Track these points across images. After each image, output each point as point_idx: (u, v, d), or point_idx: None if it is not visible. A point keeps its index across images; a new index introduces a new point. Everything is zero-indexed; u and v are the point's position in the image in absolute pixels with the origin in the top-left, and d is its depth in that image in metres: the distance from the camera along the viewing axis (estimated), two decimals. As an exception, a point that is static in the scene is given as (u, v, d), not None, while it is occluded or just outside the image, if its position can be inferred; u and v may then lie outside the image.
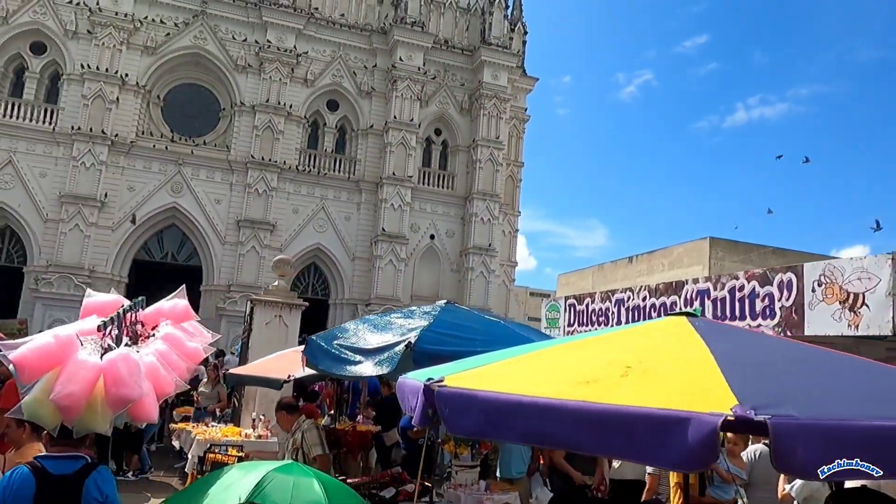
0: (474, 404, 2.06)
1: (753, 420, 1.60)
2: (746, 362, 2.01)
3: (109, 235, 27.76)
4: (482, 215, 31.95)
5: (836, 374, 2.02)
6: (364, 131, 31.93)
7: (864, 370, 2.10)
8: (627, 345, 2.32)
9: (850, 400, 1.81)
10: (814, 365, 2.10)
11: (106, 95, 27.79)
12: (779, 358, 2.14)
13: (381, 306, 29.53)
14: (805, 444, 1.55)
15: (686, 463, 1.68)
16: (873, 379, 2.02)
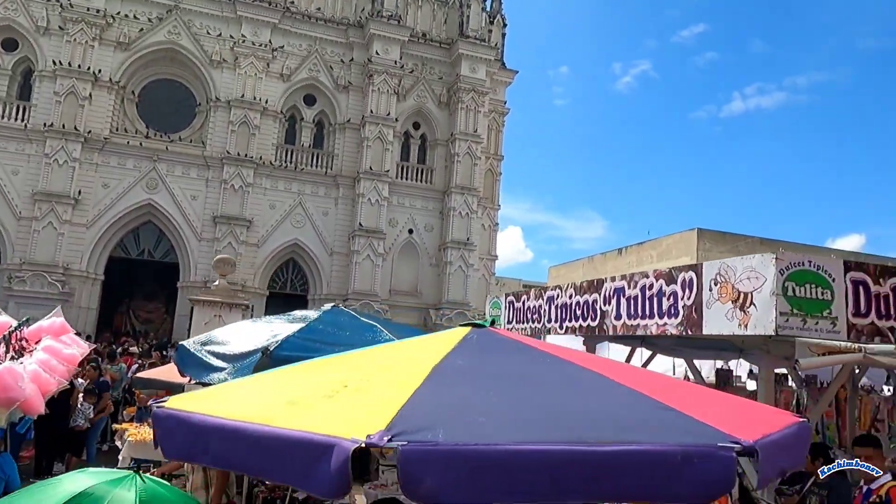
0: (179, 426, 2.04)
1: (382, 446, 1.58)
2: (460, 383, 2.00)
3: (84, 233, 27.64)
4: (460, 209, 31.89)
5: (554, 393, 2.00)
6: (342, 126, 31.80)
7: (601, 392, 2.06)
8: (376, 359, 2.30)
9: (534, 423, 1.79)
10: (540, 385, 2.07)
11: (79, 92, 27.60)
12: (509, 378, 2.11)
13: (359, 301, 29.54)
14: (434, 471, 1.54)
15: (325, 490, 1.66)
16: (600, 402, 2.00)
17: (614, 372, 2.26)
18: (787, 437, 2.05)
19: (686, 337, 7.26)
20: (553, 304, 8.69)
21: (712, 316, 5.72)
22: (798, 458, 2.23)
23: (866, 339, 5.28)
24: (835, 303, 5.23)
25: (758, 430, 1.87)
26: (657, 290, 6.51)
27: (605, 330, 7.52)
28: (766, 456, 1.75)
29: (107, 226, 28.16)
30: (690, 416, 1.89)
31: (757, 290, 5.25)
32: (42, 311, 24.02)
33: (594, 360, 2.49)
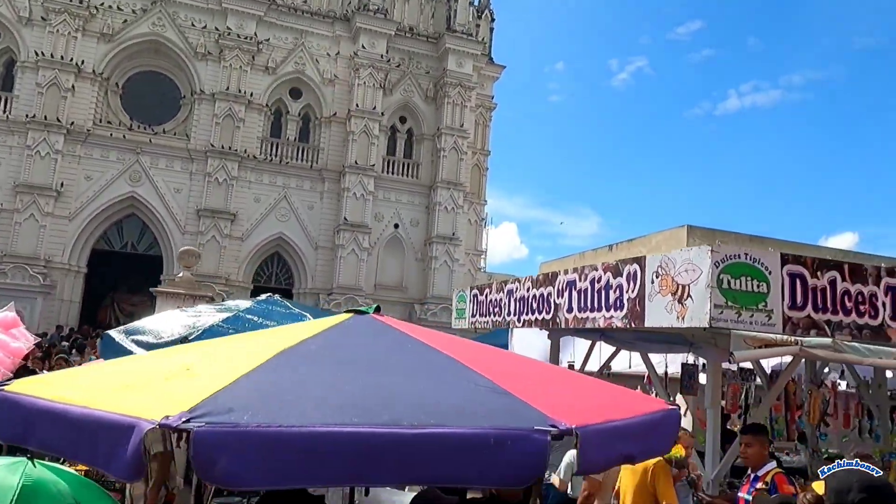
0: (10, 409, 2.01)
1: (175, 427, 1.56)
2: (298, 367, 1.98)
3: (66, 225, 27.50)
4: (446, 204, 31.85)
5: (395, 379, 1.98)
6: (327, 119, 31.69)
7: (448, 377, 2.05)
8: (237, 343, 2.28)
9: (355, 406, 1.76)
10: (385, 370, 2.05)
11: (61, 83, 27.42)
12: (355, 363, 2.08)
13: (344, 296, 29.53)
14: (229, 453, 1.52)
15: (122, 472, 1.64)
16: (439, 387, 1.98)
17: (476, 358, 2.25)
18: (640, 425, 2.05)
19: (641, 331, 7.27)
20: (512, 297, 8.69)
21: (653, 309, 5.72)
22: (660, 444, 2.22)
23: (802, 332, 5.28)
24: (771, 296, 5.23)
25: (598, 416, 1.86)
26: (605, 284, 6.51)
27: (559, 323, 7.52)
28: (589, 440, 1.74)
29: (89, 218, 28.02)
30: (525, 400, 1.88)
31: (694, 283, 5.25)
32: (23, 304, 23.95)
33: (463, 347, 2.48)
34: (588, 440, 1.76)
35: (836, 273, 5.46)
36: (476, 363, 2.14)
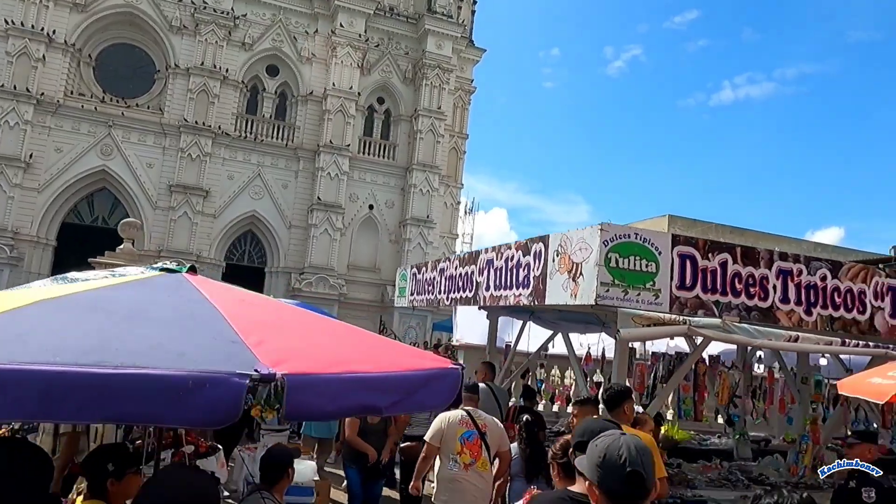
0: None
1: None
2: (55, 314, 2.06)
3: (35, 197, 27.26)
4: (422, 186, 31.83)
5: (140, 326, 2.05)
6: (304, 98, 31.49)
7: (194, 325, 2.12)
8: (36, 294, 2.35)
9: (73, 349, 1.83)
10: (135, 318, 2.12)
11: (31, 53, 27.03)
12: (110, 312, 2.15)
13: (315, 275, 29.57)
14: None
15: None
16: (175, 334, 2.05)
17: (246, 314, 2.32)
18: (393, 379, 2.14)
19: (565, 310, 7.38)
20: (443, 275, 8.77)
21: (553, 286, 5.82)
22: (429, 399, 2.32)
23: (689, 312, 5.40)
24: (659, 275, 5.33)
25: (331, 367, 1.95)
26: (516, 262, 6.59)
27: (479, 301, 7.62)
28: (297, 387, 1.82)
29: (59, 191, 27.77)
30: (251, 349, 1.96)
31: (585, 261, 5.34)
32: (-10, 274, 23.68)
33: (246, 306, 2.54)
34: (296, 387, 1.84)
35: (728, 255, 5.57)
36: (240, 318, 2.22)
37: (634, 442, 2.29)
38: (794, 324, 5.67)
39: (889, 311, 6.00)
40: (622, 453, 2.18)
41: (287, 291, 29.45)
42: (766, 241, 52.64)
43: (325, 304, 29.57)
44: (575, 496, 2.62)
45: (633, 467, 2.14)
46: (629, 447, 2.22)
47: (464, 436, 5.30)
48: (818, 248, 53.12)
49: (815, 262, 5.89)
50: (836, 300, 5.83)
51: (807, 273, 5.78)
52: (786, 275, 5.71)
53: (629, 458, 2.18)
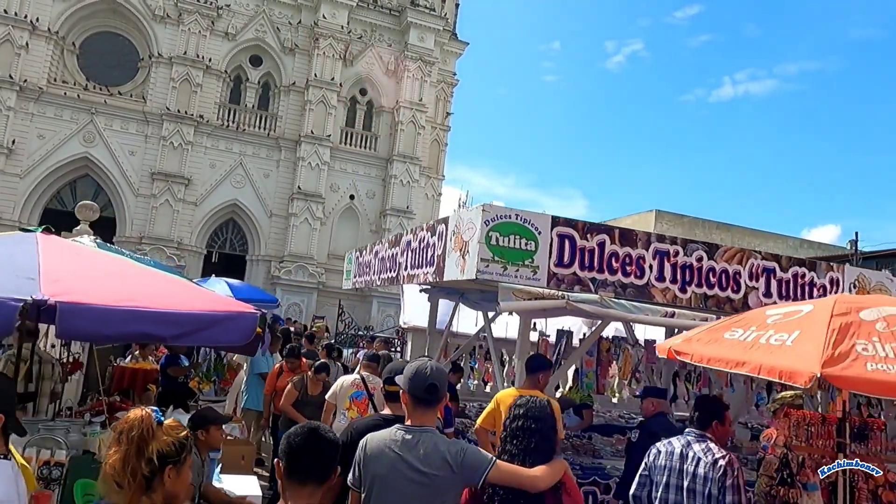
0: None
1: None
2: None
3: (17, 183, 27.61)
4: (402, 177, 32.25)
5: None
6: (286, 88, 31.84)
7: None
8: None
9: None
10: None
11: (14, 40, 27.34)
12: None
13: (295, 263, 30.00)
14: None
15: None
16: None
17: (67, 264, 2.79)
18: (181, 315, 2.60)
19: (486, 290, 7.82)
20: (377, 257, 9.21)
21: (449, 264, 6.26)
22: (220, 335, 2.78)
23: (566, 287, 5.85)
24: (538, 253, 5.77)
25: (117, 301, 2.39)
26: (426, 242, 7.03)
27: (399, 280, 8.06)
28: (71, 312, 2.27)
29: (42, 177, 28.13)
30: (40, 283, 2.41)
31: (471, 240, 5.79)
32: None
33: (76, 260, 3.00)
34: (69, 311, 2.29)
35: (606, 236, 6.01)
36: (55, 267, 2.67)
37: (434, 364, 3.12)
38: (669, 300, 6.12)
39: (763, 291, 6.46)
40: (426, 371, 3.01)
41: (267, 279, 29.91)
42: (754, 238, 52.35)
43: (304, 292, 30.12)
44: (386, 416, 3.44)
45: (431, 380, 2.98)
46: (431, 368, 3.05)
47: (353, 395, 6.01)
48: (805, 245, 52.86)
49: (691, 244, 6.34)
50: (711, 279, 6.28)
51: (683, 254, 6.23)
52: (662, 255, 6.15)
53: (430, 374, 3.01)
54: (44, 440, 5.25)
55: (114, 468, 2.04)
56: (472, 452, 2.89)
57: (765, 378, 3.57)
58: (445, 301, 10.29)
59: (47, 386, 6.34)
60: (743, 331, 3.55)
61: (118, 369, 9.97)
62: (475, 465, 2.84)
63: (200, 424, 4.40)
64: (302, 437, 2.22)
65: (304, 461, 2.18)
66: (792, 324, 3.37)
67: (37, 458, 5.08)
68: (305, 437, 2.22)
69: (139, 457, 2.05)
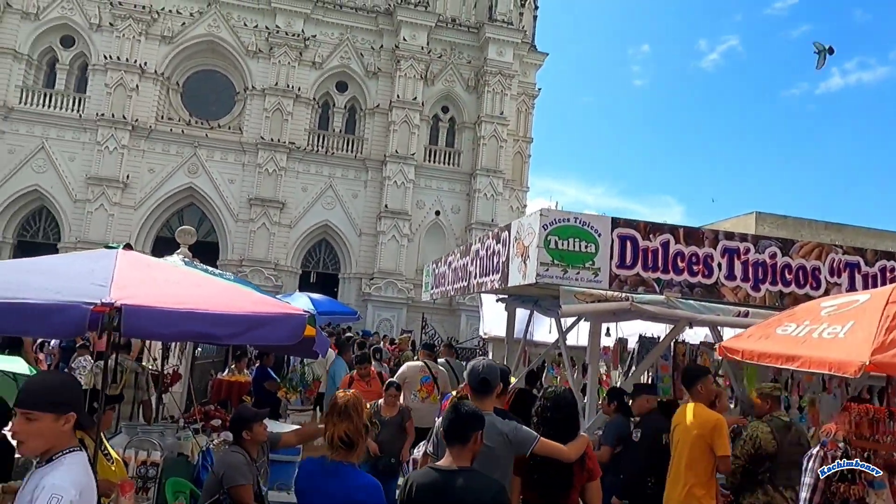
0: None
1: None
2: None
3: (132, 214, 30.02)
4: (486, 191, 32.50)
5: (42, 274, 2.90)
6: (371, 111, 32.94)
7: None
8: None
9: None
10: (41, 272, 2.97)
11: (127, 83, 29.89)
12: (40, 269, 3.00)
13: (384, 279, 30.80)
14: None
15: None
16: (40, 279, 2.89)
17: (138, 275, 3.13)
18: (228, 316, 2.86)
19: (554, 297, 7.85)
20: (451, 268, 9.41)
21: (512, 269, 6.35)
22: (268, 333, 3.03)
23: (629, 289, 5.80)
24: (599, 255, 5.77)
25: (175, 304, 2.69)
26: (492, 250, 7.16)
27: (470, 289, 8.21)
28: (134, 313, 2.57)
29: (153, 207, 30.46)
30: (111, 290, 2.73)
31: (531, 244, 5.86)
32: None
33: (146, 271, 3.34)
34: (132, 313, 2.59)
35: (670, 236, 5.92)
36: (126, 275, 3.02)
37: (487, 362, 4.11)
38: (741, 299, 5.93)
39: (846, 287, 6.11)
40: (479, 368, 3.97)
41: (358, 296, 30.88)
42: (870, 237, 48.93)
43: (393, 308, 30.84)
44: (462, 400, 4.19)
45: (483, 375, 3.91)
46: (483, 365, 4.00)
47: (422, 379, 7.73)
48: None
49: (763, 240, 6.11)
50: (787, 276, 6.03)
51: (755, 251, 6.02)
52: (731, 253, 5.97)
53: (482, 370, 3.93)
54: (142, 442, 5.75)
55: (346, 433, 3.06)
56: (522, 430, 3.79)
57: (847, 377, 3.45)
58: (522, 310, 10.36)
59: (130, 394, 6.91)
60: (796, 325, 3.44)
61: (216, 381, 10.68)
62: (525, 440, 3.74)
63: (243, 425, 4.54)
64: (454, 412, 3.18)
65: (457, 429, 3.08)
66: (846, 315, 3.24)
67: (135, 458, 5.58)
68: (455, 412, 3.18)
69: (361, 421, 3.12)
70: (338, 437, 3.06)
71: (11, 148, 29.21)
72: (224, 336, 2.86)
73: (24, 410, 2.17)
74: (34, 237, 30.26)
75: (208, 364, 12.22)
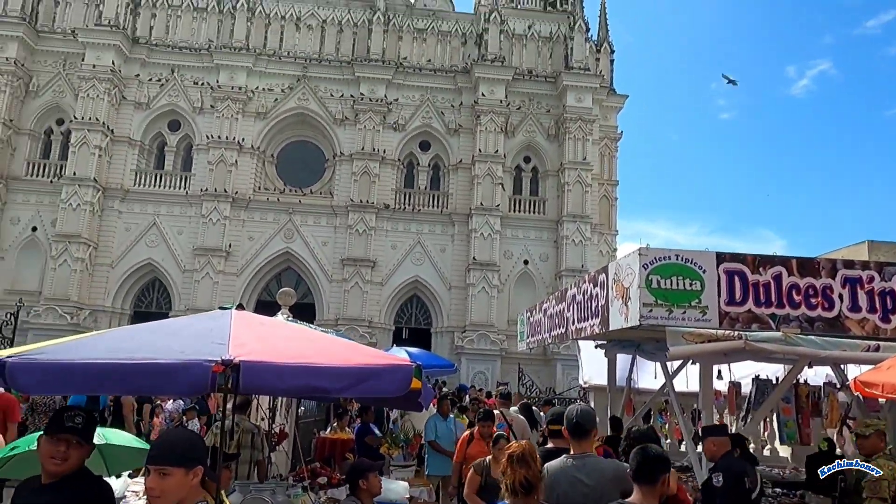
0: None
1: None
2: (131, 333, 3.08)
3: (235, 280, 31.63)
4: (573, 237, 32.10)
5: (167, 337, 3.02)
6: (454, 167, 33.60)
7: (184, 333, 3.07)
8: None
9: (118, 349, 2.84)
10: (165, 333, 3.11)
11: (227, 159, 32.02)
12: (164, 328, 3.15)
13: (476, 332, 30.71)
14: (28, 373, 2.65)
15: None
16: (161, 342, 3.01)
17: (248, 331, 3.23)
18: (342, 370, 2.89)
19: (660, 339, 7.55)
20: (546, 315, 9.25)
21: (613, 312, 6.16)
22: (379, 385, 3.03)
23: (741, 327, 5.48)
24: (705, 292, 5.51)
25: (289, 358, 2.76)
26: (589, 294, 6.98)
27: (568, 336, 8.01)
28: (251, 368, 2.64)
29: (253, 273, 32.01)
30: (229, 347, 2.82)
31: (631, 285, 5.68)
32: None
33: (257, 327, 3.45)
34: (249, 369, 2.67)
35: (782, 268, 5.58)
36: (241, 332, 3.13)
37: (581, 408, 4.51)
38: (869, 332, 5.46)
39: None
40: (573, 414, 4.33)
41: (451, 350, 30.85)
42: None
43: (487, 360, 30.61)
44: (549, 449, 4.94)
45: (578, 419, 4.27)
46: (577, 411, 4.38)
47: (498, 426, 7.75)
48: None
49: (889, 267, 5.64)
50: (921, 305, 5.51)
51: (880, 279, 5.57)
52: (853, 282, 5.55)
53: (577, 414, 4.32)
54: (255, 500, 5.88)
55: (526, 478, 3.32)
56: (624, 468, 3.96)
57: None
58: (623, 356, 9.98)
59: (247, 454, 7.10)
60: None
61: (320, 440, 10.86)
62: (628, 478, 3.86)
63: (360, 474, 4.80)
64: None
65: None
66: None
67: (249, 516, 5.70)
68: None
69: (538, 468, 3.43)
70: (518, 483, 3.33)
71: (128, 226, 31.72)
72: (335, 389, 2.91)
73: (157, 467, 2.27)
74: (148, 307, 32.35)
75: (311, 422, 12.47)
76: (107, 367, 2.63)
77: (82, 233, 30.07)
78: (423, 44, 34.92)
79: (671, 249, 5.66)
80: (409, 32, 34.80)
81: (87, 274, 30.46)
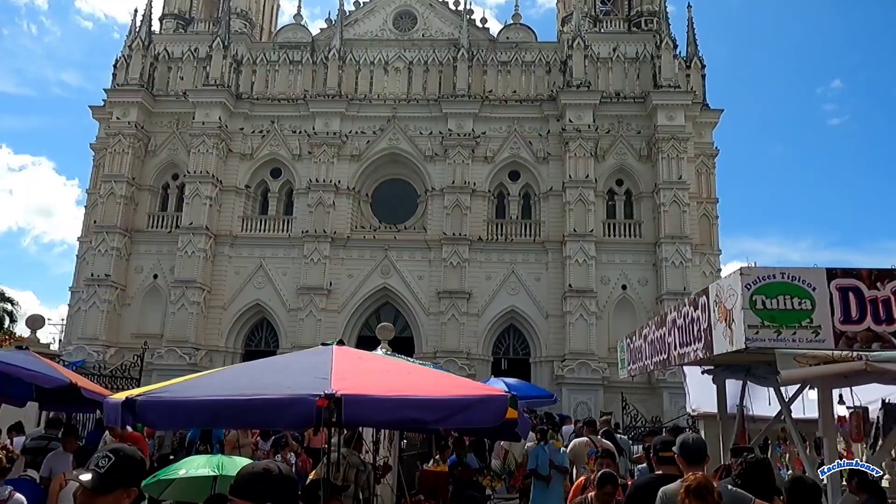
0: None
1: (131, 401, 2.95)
2: (242, 370, 3.27)
3: (336, 317, 32.71)
4: (673, 259, 31.00)
5: (273, 373, 3.18)
6: (545, 194, 33.47)
7: (297, 369, 3.21)
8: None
9: (231, 385, 3.03)
10: (272, 370, 3.27)
11: (325, 202, 33.46)
12: (270, 364, 3.34)
13: (576, 360, 30.09)
14: (155, 410, 2.88)
15: None
16: (281, 377, 3.15)
17: (348, 365, 3.35)
18: (436, 401, 2.95)
19: (764, 362, 7.17)
20: (646, 341, 8.98)
21: (717, 336, 5.91)
22: (474, 416, 3.07)
23: (860, 346, 5.12)
24: (816, 311, 5.20)
25: (386, 391, 2.86)
26: (691, 317, 6.74)
27: (671, 362, 7.73)
28: (352, 401, 2.75)
29: (353, 309, 33.00)
30: (331, 382, 2.95)
31: (734, 307, 5.45)
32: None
33: (356, 362, 3.57)
34: (351, 402, 2.79)
35: (903, 282, 5.18)
36: (342, 367, 3.27)
37: (695, 436, 4.91)
38: None
39: None
40: (690, 440, 4.71)
41: (551, 380, 30.34)
42: None
43: (589, 389, 29.84)
44: (659, 475, 4.99)
45: (694, 446, 4.64)
46: (692, 438, 4.78)
47: (589, 452, 8.15)
48: None
49: None
50: None
51: None
52: None
53: (692, 442, 4.66)
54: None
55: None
56: (738, 493, 4.27)
57: None
58: (733, 382, 9.49)
59: (351, 489, 7.29)
60: None
61: (423, 472, 10.96)
62: (742, 499, 4.24)
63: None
64: None
65: None
66: None
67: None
68: None
69: (713, 500, 3.74)
70: None
71: (237, 269, 33.67)
72: (432, 420, 2.99)
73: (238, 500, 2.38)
74: (258, 346, 33.97)
75: (414, 455, 12.61)
76: (222, 403, 2.85)
77: (197, 278, 32.18)
78: (508, 76, 35.31)
79: (776, 267, 5.41)
80: (493, 66, 35.33)
81: (202, 316, 32.47)
